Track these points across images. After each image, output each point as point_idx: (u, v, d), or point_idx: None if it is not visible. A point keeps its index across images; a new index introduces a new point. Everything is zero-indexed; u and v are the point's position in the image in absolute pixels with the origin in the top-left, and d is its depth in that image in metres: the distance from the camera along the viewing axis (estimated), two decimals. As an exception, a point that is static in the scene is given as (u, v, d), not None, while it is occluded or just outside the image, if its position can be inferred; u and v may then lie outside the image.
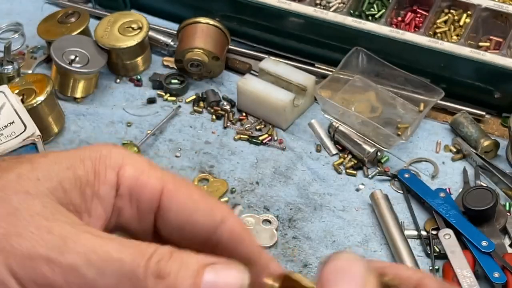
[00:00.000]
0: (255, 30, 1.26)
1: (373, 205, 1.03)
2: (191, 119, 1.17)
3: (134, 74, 1.23)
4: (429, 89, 1.13)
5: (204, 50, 1.19)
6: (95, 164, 0.42)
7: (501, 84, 1.12)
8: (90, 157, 0.42)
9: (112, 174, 0.42)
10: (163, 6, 1.32)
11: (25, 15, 1.32)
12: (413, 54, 1.15)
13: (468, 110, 1.13)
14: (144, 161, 0.44)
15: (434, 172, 1.08)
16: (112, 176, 0.42)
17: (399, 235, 0.99)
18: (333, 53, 1.20)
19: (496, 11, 1.16)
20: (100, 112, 1.18)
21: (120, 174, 0.42)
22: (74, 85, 1.18)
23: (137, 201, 0.43)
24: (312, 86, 1.15)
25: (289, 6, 1.21)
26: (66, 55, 1.17)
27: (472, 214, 0.98)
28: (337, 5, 1.22)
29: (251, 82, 1.15)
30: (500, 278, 0.93)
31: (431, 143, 1.12)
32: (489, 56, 1.11)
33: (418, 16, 1.20)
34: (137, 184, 0.43)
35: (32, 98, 1.10)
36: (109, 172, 0.42)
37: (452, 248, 0.96)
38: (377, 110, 1.14)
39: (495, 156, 1.09)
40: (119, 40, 1.20)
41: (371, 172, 1.08)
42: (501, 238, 0.98)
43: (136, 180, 0.43)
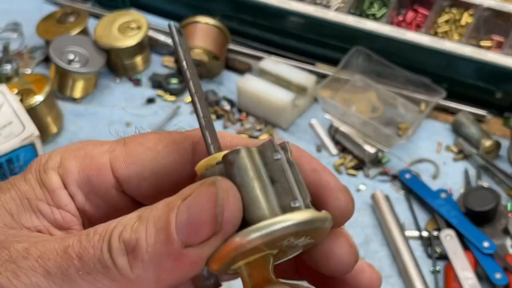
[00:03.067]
0: (255, 30, 1.26)
1: (374, 205, 1.03)
2: (191, 119, 1.17)
3: (134, 74, 1.23)
4: (430, 89, 1.12)
5: (204, 50, 1.19)
6: (37, 174, 0.40)
7: (502, 84, 1.11)
8: (31, 171, 0.40)
9: (53, 175, 0.40)
10: (163, 5, 1.32)
11: (24, 15, 1.32)
12: (414, 53, 1.15)
13: (470, 110, 1.13)
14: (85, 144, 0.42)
15: (435, 172, 1.07)
16: (55, 177, 0.40)
17: (400, 236, 0.98)
18: (333, 53, 1.19)
19: (498, 10, 1.16)
20: (99, 112, 1.18)
21: (62, 173, 0.40)
22: (73, 85, 1.18)
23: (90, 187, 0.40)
24: (312, 86, 1.15)
25: (290, 6, 1.21)
26: (65, 55, 1.16)
27: (473, 215, 0.98)
28: (338, 4, 1.22)
29: (251, 82, 1.15)
30: (502, 279, 0.93)
31: (432, 143, 1.11)
32: (490, 56, 1.11)
33: (419, 16, 1.20)
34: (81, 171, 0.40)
35: (31, 98, 1.09)
36: (50, 175, 0.40)
37: (453, 249, 0.96)
38: (378, 110, 1.14)
39: (497, 157, 1.08)
40: (119, 40, 1.20)
41: (372, 173, 1.08)
42: (503, 239, 0.98)
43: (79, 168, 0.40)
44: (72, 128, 1.16)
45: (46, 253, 0.36)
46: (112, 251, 0.35)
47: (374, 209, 1.03)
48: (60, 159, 0.40)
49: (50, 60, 1.19)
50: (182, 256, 0.34)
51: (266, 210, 0.35)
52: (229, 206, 0.34)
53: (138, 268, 0.34)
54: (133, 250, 0.34)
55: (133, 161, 0.40)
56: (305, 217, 0.35)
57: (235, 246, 0.34)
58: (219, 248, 0.35)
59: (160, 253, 0.34)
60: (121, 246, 0.35)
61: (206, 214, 0.34)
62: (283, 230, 0.35)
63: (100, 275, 0.35)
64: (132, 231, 0.35)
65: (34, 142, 0.99)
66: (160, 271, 0.34)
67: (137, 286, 0.35)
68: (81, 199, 0.40)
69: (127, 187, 0.41)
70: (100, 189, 0.40)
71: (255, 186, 0.35)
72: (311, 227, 0.36)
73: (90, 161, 0.40)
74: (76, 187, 0.40)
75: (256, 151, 0.36)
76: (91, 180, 0.40)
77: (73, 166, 0.40)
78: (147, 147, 0.41)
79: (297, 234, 0.36)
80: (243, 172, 0.35)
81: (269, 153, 0.36)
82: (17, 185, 0.40)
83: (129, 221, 0.35)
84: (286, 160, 0.36)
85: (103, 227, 0.36)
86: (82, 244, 0.35)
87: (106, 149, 0.41)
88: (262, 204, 0.35)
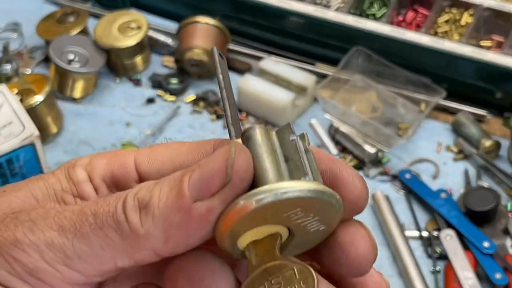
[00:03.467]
0: (255, 30, 1.26)
1: (374, 205, 1.03)
2: (191, 119, 1.17)
3: (134, 74, 1.23)
4: (430, 89, 1.12)
5: (204, 50, 1.19)
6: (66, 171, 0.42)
7: (502, 84, 1.11)
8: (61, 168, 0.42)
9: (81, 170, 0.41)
10: (163, 5, 1.32)
11: (24, 15, 1.32)
12: (414, 53, 1.15)
13: (470, 110, 1.13)
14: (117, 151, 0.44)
15: (435, 172, 1.07)
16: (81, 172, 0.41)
17: (400, 236, 0.98)
18: (333, 53, 1.19)
19: (498, 10, 1.16)
20: (99, 112, 1.18)
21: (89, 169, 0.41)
22: (73, 85, 1.18)
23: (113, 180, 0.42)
24: (312, 86, 1.15)
25: (290, 6, 1.21)
26: (65, 55, 1.16)
27: (473, 215, 0.98)
28: (338, 4, 1.22)
29: (251, 82, 1.15)
30: (502, 279, 0.93)
31: (432, 143, 1.11)
32: (490, 55, 1.11)
33: (419, 16, 1.20)
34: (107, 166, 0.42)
35: (31, 98, 1.09)
36: (78, 170, 0.41)
37: (453, 249, 0.96)
38: (378, 110, 1.14)
39: (497, 157, 1.08)
40: (119, 40, 1.20)
41: (372, 173, 1.08)
42: (503, 239, 0.98)
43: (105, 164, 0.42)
44: (72, 128, 1.16)
45: (63, 212, 0.37)
46: (126, 207, 0.36)
47: (374, 209, 1.03)
48: (89, 159, 0.42)
49: (50, 60, 1.19)
50: (191, 209, 0.35)
51: (274, 178, 0.36)
52: (239, 159, 0.35)
53: (148, 223, 0.35)
54: (146, 206, 0.35)
55: (155, 158, 0.42)
56: (313, 186, 0.35)
57: (240, 207, 0.35)
58: (225, 212, 0.35)
59: (170, 207, 0.35)
60: (135, 203, 0.36)
61: (216, 167, 0.35)
62: (289, 194, 0.35)
63: (111, 230, 0.36)
64: (147, 191, 0.36)
65: (34, 142, 0.99)
66: (169, 226, 0.35)
67: (146, 242, 0.35)
68: (105, 191, 0.41)
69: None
70: (122, 182, 0.41)
71: (267, 158, 0.36)
72: (319, 198, 0.36)
73: (117, 157, 0.42)
74: (100, 180, 0.41)
75: (274, 132, 0.38)
76: (115, 174, 0.41)
77: (101, 163, 0.42)
78: (171, 147, 0.42)
79: (305, 205, 0.36)
80: (257, 146, 0.36)
81: (286, 135, 0.38)
82: (45, 178, 0.41)
83: (147, 184, 0.37)
84: (302, 146, 0.37)
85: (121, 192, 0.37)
86: (99, 203, 0.37)
87: (133, 150, 0.43)
88: (271, 174, 0.36)
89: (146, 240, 0.35)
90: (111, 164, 0.42)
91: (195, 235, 0.36)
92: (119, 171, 0.42)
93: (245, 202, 0.35)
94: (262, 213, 0.35)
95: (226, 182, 0.35)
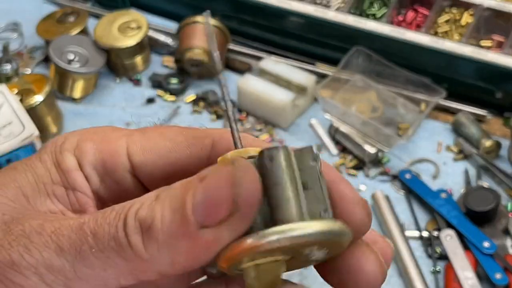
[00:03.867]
0: (255, 30, 1.26)
1: (374, 205, 1.03)
2: (191, 119, 1.16)
3: (134, 74, 1.23)
4: (430, 89, 1.12)
5: (204, 50, 1.18)
6: (54, 156, 0.39)
7: (503, 84, 1.11)
8: (47, 152, 0.40)
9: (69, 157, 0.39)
10: (163, 5, 1.32)
11: (24, 15, 1.32)
12: (414, 53, 1.15)
13: (470, 110, 1.13)
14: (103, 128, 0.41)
15: (435, 172, 1.07)
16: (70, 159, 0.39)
17: (400, 236, 0.98)
18: (333, 53, 1.19)
19: (498, 10, 1.15)
20: (99, 112, 1.18)
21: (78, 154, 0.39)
22: (73, 85, 1.18)
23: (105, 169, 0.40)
24: (312, 86, 1.14)
25: (290, 6, 1.20)
26: (65, 55, 1.16)
27: (473, 215, 0.98)
28: (338, 4, 1.22)
29: (251, 82, 1.15)
30: (502, 279, 0.92)
31: (433, 143, 1.11)
32: (490, 55, 1.11)
33: (420, 16, 1.20)
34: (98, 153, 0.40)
35: (31, 98, 1.09)
36: (66, 157, 0.39)
37: (453, 249, 0.96)
38: (378, 110, 1.13)
39: (497, 157, 1.08)
40: (119, 40, 1.19)
41: (372, 173, 1.07)
42: (503, 239, 0.97)
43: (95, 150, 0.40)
44: (72, 128, 1.15)
45: (60, 229, 0.35)
46: (128, 229, 0.34)
47: (374, 209, 1.03)
48: (76, 141, 0.40)
49: (50, 60, 1.19)
50: (197, 237, 0.33)
51: (295, 214, 0.34)
52: (247, 184, 0.33)
53: (153, 248, 0.34)
54: (148, 229, 0.33)
55: (150, 148, 0.40)
56: (333, 227, 0.34)
57: (252, 245, 0.33)
58: (232, 245, 0.33)
59: (175, 234, 0.33)
60: (137, 224, 0.34)
61: (222, 193, 0.33)
62: (309, 237, 0.33)
63: (114, 253, 0.34)
64: (148, 210, 0.34)
65: (34, 142, 0.99)
66: (175, 252, 0.34)
67: (151, 266, 0.34)
68: (96, 181, 0.40)
69: (140, 173, 0.40)
70: (114, 172, 0.40)
71: (288, 187, 0.34)
72: (337, 239, 0.34)
73: (107, 143, 0.40)
74: (91, 168, 0.40)
75: (293, 154, 0.35)
76: (106, 162, 0.40)
77: (90, 148, 0.40)
78: (167, 137, 0.40)
79: (322, 243, 0.34)
80: (280, 171, 0.34)
81: (307, 159, 0.35)
82: (33, 167, 0.39)
83: (147, 200, 0.35)
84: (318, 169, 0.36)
85: (121, 205, 0.35)
86: (98, 221, 0.35)
87: (124, 133, 0.41)
88: (293, 207, 0.34)
89: (151, 264, 0.34)
90: (102, 151, 0.40)
91: (201, 260, 0.34)
92: (111, 160, 0.40)
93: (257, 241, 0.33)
94: (273, 250, 0.34)
95: (234, 211, 0.33)
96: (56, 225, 0.35)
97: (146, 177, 0.40)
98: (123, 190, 0.40)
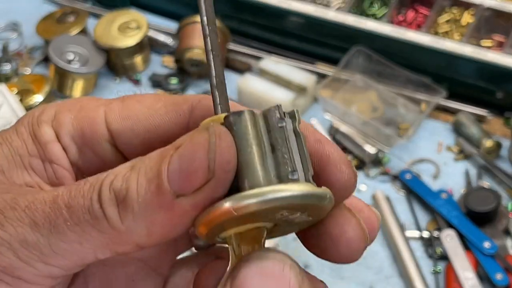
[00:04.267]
0: (255, 30, 1.25)
1: (374, 206, 1.02)
2: (191, 119, 1.16)
3: (133, 73, 1.23)
4: (430, 88, 1.12)
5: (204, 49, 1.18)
6: (30, 127, 0.38)
7: (503, 83, 1.11)
8: (24, 124, 0.38)
9: (47, 128, 0.38)
10: (163, 5, 1.32)
11: (23, 15, 1.32)
12: (415, 53, 1.14)
13: (470, 110, 1.12)
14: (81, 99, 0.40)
15: (435, 172, 1.07)
16: (48, 130, 0.38)
17: (401, 236, 0.98)
18: (333, 53, 1.19)
19: (498, 10, 1.15)
20: (99, 112, 1.17)
21: (56, 125, 0.38)
22: (72, 85, 1.18)
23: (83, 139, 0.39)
24: (312, 86, 1.14)
25: (289, 6, 1.20)
26: (64, 54, 1.16)
27: (474, 215, 0.98)
28: (338, 4, 1.21)
29: (251, 82, 1.15)
30: (503, 280, 0.92)
31: (433, 143, 1.11)
32: (491, 55, 1.11)
33: (420, 16, 1.20)
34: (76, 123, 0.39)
35: (31, 98, 1.09)
36: (43, 128, 0.38)
37: (454, 250, 0.96)
38: (378, 110, 1.13)
39: (497, 157, 1.08)
40: (118, 40, 1.19)
41: (373, 173, 1.07)
42: (503, 239, 0.97)
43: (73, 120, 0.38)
44: (72, 128, 1.15)
45: (34, 203, 0.34)
46: (102, 200, 0.33)
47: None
48: (54, 112, 0.39)
49: (49, 60, 1.18)
50: (173, 206, 0.32)
51: (261, 178, 0.33)
52: (222, 150, 0.32)
53: (128, 219, 0.33)
54: (124, 200, 0.33)
55: (128, 115, 0.39)
56: (301, 190, 0.33)
57: (224, 211, 0.32)
58: (208, 211, 0.33)
59: (151, 204, 0.32)
60: (112, 196, 0.33)
61: (197, 161, 0.32)
62: (275, 201, 0.33)
63: (89, 226, 0.33)
64: (123, 181, 0.33)
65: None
66: (151, 223, 0.33)
67: (128, 238, 0.33)
68: (74, 152, 0.39)
69: (119, 142, 0.39)
70: (93, 141, 0.39)
71: (253, 151, 0.33)
72: (307, 202, 0.34)
73: (85, 113, 0.39)
74: (69, 139, 0.39)
75: (261, 115, 0.35)
76: (85, 132, 0.38)
77: (67, 119, 0.39)
78: (145, 104, 0.39)
79: (292, 208, 0.34)
80: (242, 136, 0.34)
81: (274, 119, 0.35)
82: (8, 140, 0.38)
83: (121, 171, 0.34)
84: (292, 129, 0.35)
85: (95, 177, 0.34)
86: (72, 194, 0.34)
87: (102, 103, 0.39)
88: (258, 171, 0.33)
89: (127, 236, 0.33)
90: (80, 121, 0.39)
91: (178, 229, 0.34)
92: (89, 129, 0.38)
93: (230, 205, 0.32)
94: (248, 215, 0.33)
95: (210, 177, 0.32)
96: (30, 199, 0.34)
97: (125, 146, 0.39)
98: (102, 162, 0.39)
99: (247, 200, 0.32)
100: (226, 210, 0.33)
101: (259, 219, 0.35)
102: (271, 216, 0.34)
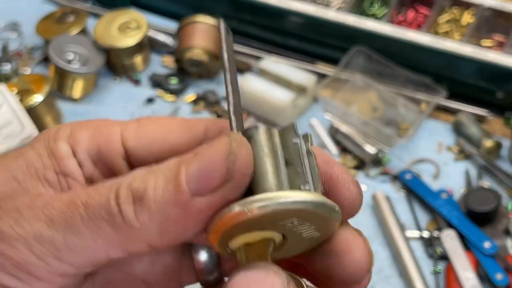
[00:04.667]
0: (255, 30, 1.25)
1: (374, 206, 1.02)
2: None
3: (133, 73, 1.23)
4: (431, 88, 1.12)
5: (204, 49, 1.18)
6: (47, 143, 0.39)
7: (503, 83, 1.11)
8: (40, 140, 0.40)
9: (63, 144, 0.39)
10: (163, 5, 1.32)
11: (23, 15, 1.32)
12: (415, 53, 1.14)
13: (470, 110, 1.12)
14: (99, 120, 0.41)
15: (436, 172, 1.07)
16: (64, 146, 0.39)
17: (401, 236, 0.98)
18: (334, 53, 1.19)
19: (499, 10, 1.15)
20: (99, 112, 1.17)
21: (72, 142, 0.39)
22: (72, 85, 1.18)
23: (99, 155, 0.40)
24: (313, 86, 1.14)
25: (289, 6, 1.20)
26: (64, 54, 1.16)
27: (474, 215, 0.98)
28: (338, 4, 1.21)
29: (251, 82, 1.15)
30: (503, 280, 0.92)
31: (433, 143, 1.11)
32: (491, 55, 1.11)
33: (420, 15, 1.20)
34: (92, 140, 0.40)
35: (30, 98, 1.09)
36: (60, 144, 0.39)
37: (454, 250, 0.95)
38: (379, 110, 1.13)
39: (498, 157, 1.08)
40: (118, 40, 1.19)
41: (373, 173, 1.07)
42: (504, 239, 0.97)
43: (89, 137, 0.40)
44: (72, 128, 1.15)
45: (51, 202, 0.35)
46: (119, 199, 0.34)
47: (374, 209, 1.02)
48: (70, 130, 0.40)
49: (49, 60, 1.18)
50: (190, 204, 0.33)
51: (273, 185, 0.35)
52: (241, 155, 0.34)
53: (144, 216, 0.34)
54: (141, 198, 0.34)
55: (144, 134, 0.40)
56: (313, 198, 0.35)
57: (238, 212, 0.34)
58: (222, 213, 0.34)
59: (168, 202, 0.34)
60: (129, 194, 0.34)
61: (217, 162, 0.34)
62: (287, 204, 0.34)
63: (104, 223, 0.34)
64: (141, 181, 0.34)
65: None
66: (166, 221, 0.34)
67: (141, 236, 0.34)
68: (90, 167, 0.40)
69: (134, 159, 0.40)
70: (108, 158, 0.40)
71: (267, 161, 0.35)
72: (318, 211, 0.35)
73: (101, 130, 0.40)
74: (85, 154, 0.40)
75: (277, 132, 0.37)
76: (101, 148, 0.40)
77: (84, 136, 0.40)
78: (160, 124, 0.40)
79: (302, 216, 0.35)
80: (258, 147, 0.35)
81: (289, 136, 0.36)
82: (24, 154, 0.39)
83: (140, 173, 0.35)
84: (305, 148, 0.36)
85: (113, 179, 0.35)
86: (90, 193, 0.35)
87: (118, 122, 0.41)
88: (271, 179, 0.35)
89: (141, 233, 0.34)
90: (96, 138, 0.40)
91: (191, 230, 0.35)
92: (105, 146, 0.40)
93: (242, 208, 0.34)
94: (258, 220, 0.34)
95: (228, 179, 0.33)
96: (47, 199, 0.35)
97: (140, 163, 0.40)
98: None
99: (261, 202, 0.34)
100: (240, 210, 0.34)
101: (269, 226, 0.35)
102: (281, 223, 0.35)
